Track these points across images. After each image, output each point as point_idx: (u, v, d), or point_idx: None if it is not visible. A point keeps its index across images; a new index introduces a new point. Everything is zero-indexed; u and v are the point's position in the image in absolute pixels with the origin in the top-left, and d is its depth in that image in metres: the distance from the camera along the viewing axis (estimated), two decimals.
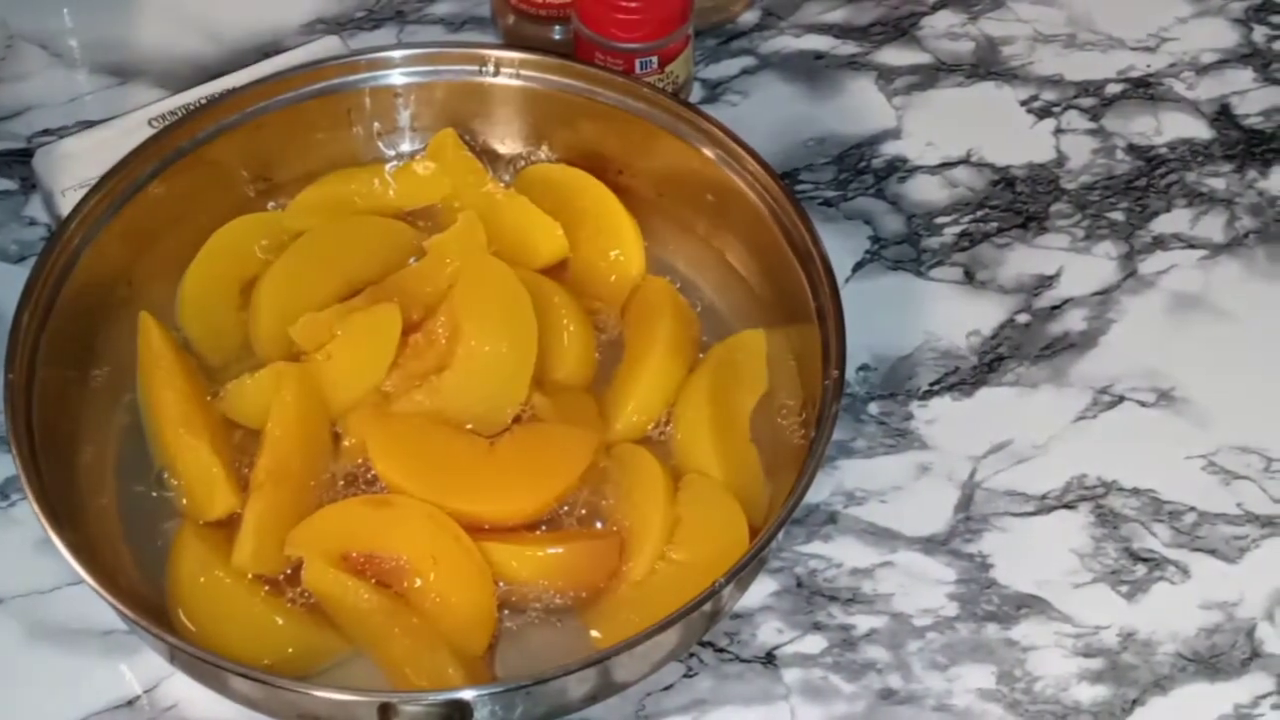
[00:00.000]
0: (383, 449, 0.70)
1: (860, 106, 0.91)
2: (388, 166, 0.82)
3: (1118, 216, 0.87)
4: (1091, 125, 0.91)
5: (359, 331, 0.73)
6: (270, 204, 0.80)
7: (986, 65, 0.94)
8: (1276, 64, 0.94)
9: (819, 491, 0.75)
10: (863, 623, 0.71)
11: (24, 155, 0.86)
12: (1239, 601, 0.73)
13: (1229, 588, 0.73)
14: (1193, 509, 0.76)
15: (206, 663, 0.62)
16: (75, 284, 0.72)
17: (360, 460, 0.71)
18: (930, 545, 0.74)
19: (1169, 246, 0.86)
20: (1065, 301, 0.83)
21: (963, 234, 0.86)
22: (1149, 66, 0.94)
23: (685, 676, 0.70)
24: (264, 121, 0.79)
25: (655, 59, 0.85)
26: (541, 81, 0.80)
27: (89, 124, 0.87)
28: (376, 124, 0.81)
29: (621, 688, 0.67)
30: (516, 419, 0.72)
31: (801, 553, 0.74)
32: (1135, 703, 0.70)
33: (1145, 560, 0.74)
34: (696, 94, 0.91)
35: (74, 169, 0.81)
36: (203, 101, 0.81)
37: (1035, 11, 0.96)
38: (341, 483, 0.71)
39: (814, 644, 0.71)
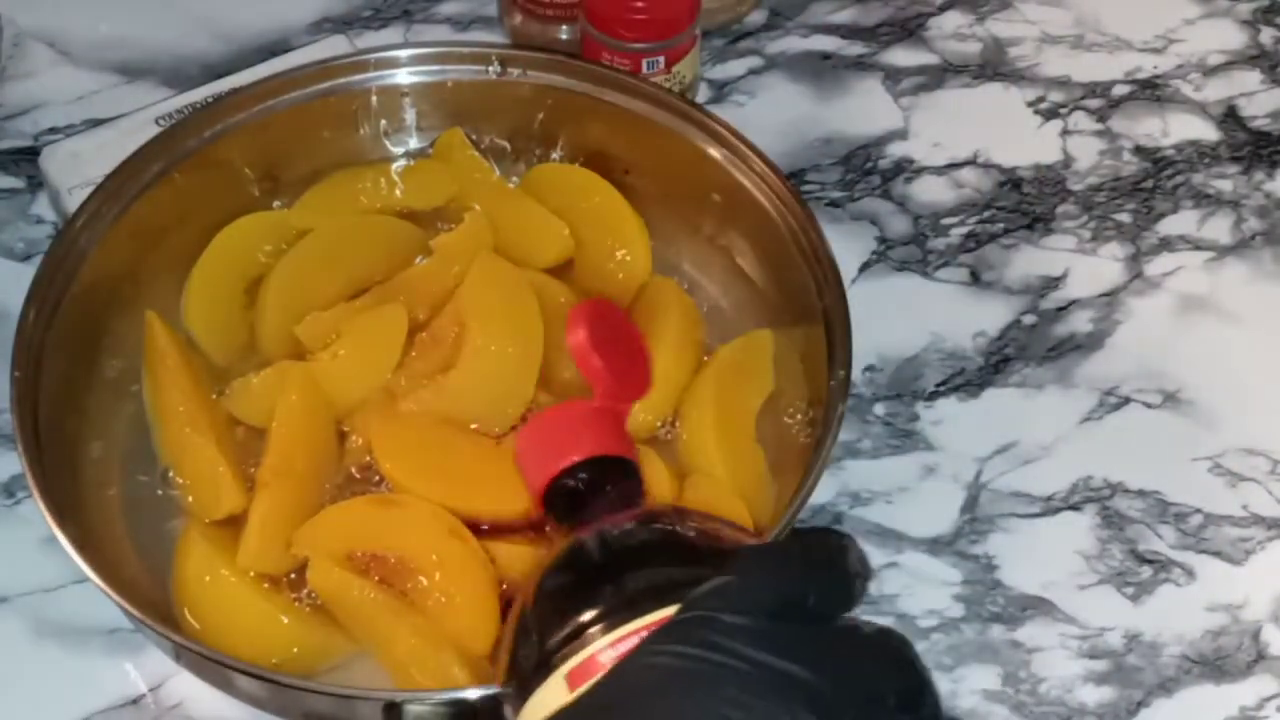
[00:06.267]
0: (388, 448, 0.70)
1: (867, 107, 0.91)
2: (394, 166, 0.82)
3: (1124, 218, 0.87)
4: (1098, 126, 0.91)
5: (365, 331, 0.73)
6: (276, 203, 0.80)
7: (994, 66, 0.94)
8: None
9: (824, 492, 0.75)
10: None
11: (31, 153, 0.86)
12: (1244, 604, 0.73)
13: (1234, 590, 0.73)
14: (1198, 511, 0.76)
15: (212, 661, 0.62)
16: (81, 282, 0.72)
17: (366, 459, 0.71)
18: (936, 546, 0.74)
19: (1175, 248, 0.86)
20: (1071, 303, 0.83)
21: (969, 235, 0.86)
22: (1156, 68, 0.94)
23: None
24: (270, 120, 0.78)
25: (662, 59, 0.85)
26: (548, 81, 0.80)
27: (96, 122, 0.87)
28: (383, 123, 0.81)
29: None
30: (522, 419, 0.72)
31: None
32: (1140, 704, 0.70)
33: (1151, 562, 0.74)
34: (703, 94, 0.91)
35: (80, 167, 0.81)
36: (209, 100, 0.81)
37: (1042, 13, 0.96)
38: (347, 482, 0.71)
39: None
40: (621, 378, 0.59)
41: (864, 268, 0.84)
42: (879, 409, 0.79)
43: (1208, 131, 0.91)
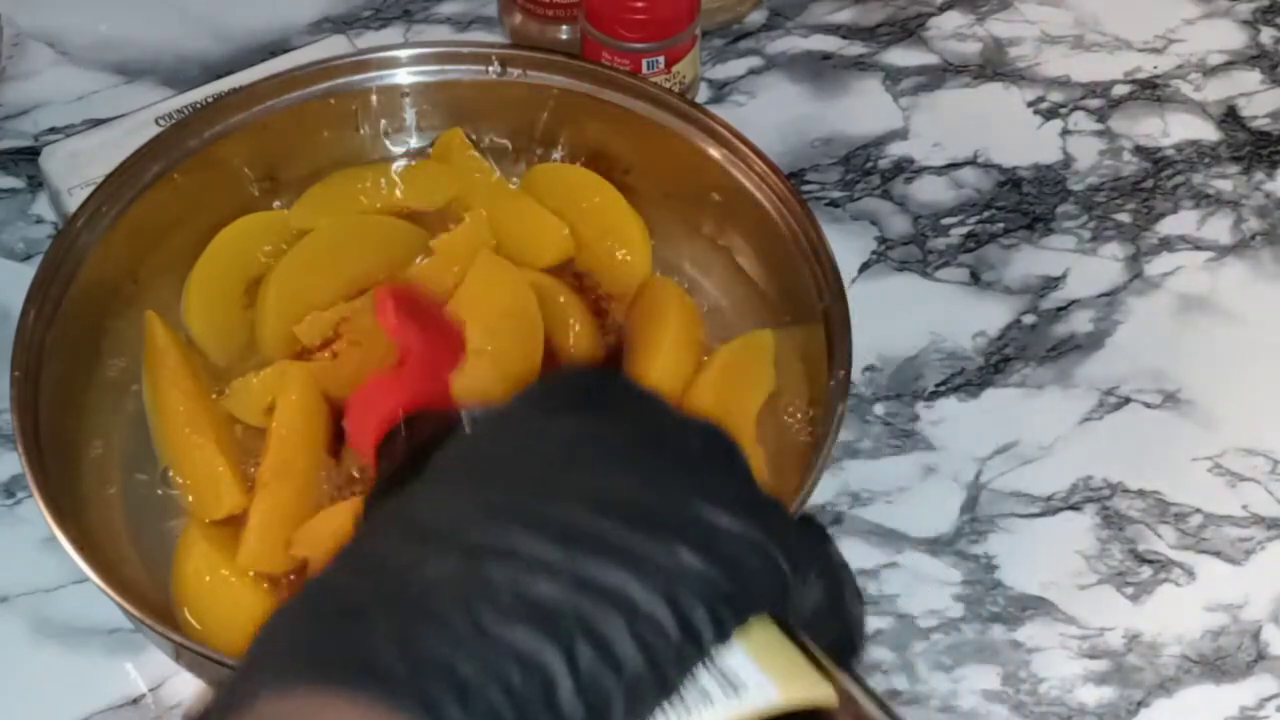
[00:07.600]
0: None
1: (867, 107, 0.91)
2: (394, 166, 0.82)
3: (1124, 218, 0.87)
4: (1098, 126, 0.91)
5: (365, 331, 0.73)
6: (276, 203, 0.80)
7: (993, 66, 0.94)
8: None
9: (824, 492, 0.75)
10: (868, 623, 0.71)
11: (31, 153, 0.86)
12: (1244, 604, 0.73)
13: (1234, 590, 0.73)
14: (1198, 511, 0.76)
15: (212, 661, 0.62)
16: (81, 282, 0.72)
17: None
18: (936, 546, 0.74)
19: (1175, 248, 0.86)
20: (1071, 303, 0.83)
21: (969, 235, 0.86)
22: (1156, 68, 0.94)
23: None
24: (270, 120, 0.78)
25: (662, 59, 0.85)
26: (548, 81, 0.80)
27: (96, 122, 0.87)
28: (383, 123, 0.81)
29: None
30: None
31: None
32: (1140, 704, 0.70)
33: (1151, 562, 0.74)
34: (703, 94, 0.91)
35: (80, 167, 0.81)
36: (209, 100, 0.81)
37: (1042, 13, 0.96)
38: (347, 482, 0.71)
39: None
40: (435, 349, 0.64)
41: (864, 268, 0.84)
42: (879, 409, 0.79)
43: (1208, 131, 0.91)
